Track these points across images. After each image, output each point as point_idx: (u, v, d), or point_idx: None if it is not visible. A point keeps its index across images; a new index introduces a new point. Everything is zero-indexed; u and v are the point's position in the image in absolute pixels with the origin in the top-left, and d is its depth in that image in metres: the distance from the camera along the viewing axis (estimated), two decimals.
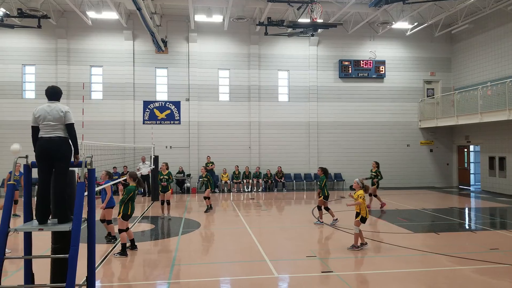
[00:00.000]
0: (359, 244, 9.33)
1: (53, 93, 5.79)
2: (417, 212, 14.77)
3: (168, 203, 13.48)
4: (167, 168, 13.63)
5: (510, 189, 19.64)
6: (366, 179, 12.92)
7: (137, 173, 19.02)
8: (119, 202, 9.20)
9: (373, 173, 15.75)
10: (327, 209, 12.35)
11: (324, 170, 12.24)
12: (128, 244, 9.23)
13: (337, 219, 12.31)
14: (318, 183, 12.50)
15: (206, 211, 14.69)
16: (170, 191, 13.54)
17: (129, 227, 9.42)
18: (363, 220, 9.33)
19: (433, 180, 23.87)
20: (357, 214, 9.37)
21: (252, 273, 7.82)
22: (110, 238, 10.12)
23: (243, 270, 8.07)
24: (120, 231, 9.02)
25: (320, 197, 12.21)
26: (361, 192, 9.38)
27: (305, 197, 19.79)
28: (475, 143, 22.59)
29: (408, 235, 10.92)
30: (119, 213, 9.11)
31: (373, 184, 15.49)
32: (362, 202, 9.29)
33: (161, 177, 13.45)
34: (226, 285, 7.16)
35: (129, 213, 9.08)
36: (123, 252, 8.84)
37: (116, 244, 9.70)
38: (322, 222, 12.34)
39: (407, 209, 15.38)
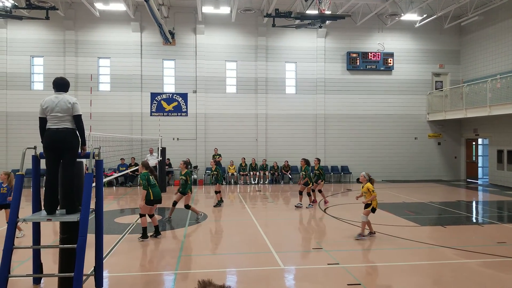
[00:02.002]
0: (366, 233, 9.47)
1: (61, 85, 5.82)
2: (424, 205, 14.72)
3: (187, 207, 11.47)
4: (186, 167, 11.67)
5: None
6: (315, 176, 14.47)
7: None
8: (143, 188, 9.51)
9: (317, 171, 14.44)
10: (309, 194, 14.07)
11: (306, 161, 13.90)
12: (150, 234, 9.60)
13: (312, 205, 14.01)
14: (303, 173, 13.88)
15: (216, 206, 14.19)
16: (188, 194, 11.50)
17: (154, 214, 9.74)
18: (374, 210, 9.50)
19: (441, 173, 23.74)
20: (368, 205, 9.49)
21: (258, 265, 7.86)
22: None
23: (250, 261, 8.11)
24: (141, 215, 9.47)
25: (321, 181, 14.14)
26: (369, 185, 9.45)
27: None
28: (484, 136, 22.40)
29: (414, 228, 10.89)
30: (143, 199, 9.42)
31: (316, 181, 14.38)
32: (375, 194, 9.46)
33: (180, 177, 11.71)
34: (232, 276, 7.21)
35: (151, 198, 9.34)
36: (144, 236, 9.34)
37: (127, 228, 9.80)
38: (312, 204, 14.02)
39: (414, 202, 15.33)
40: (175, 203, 11.70)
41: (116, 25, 21.56)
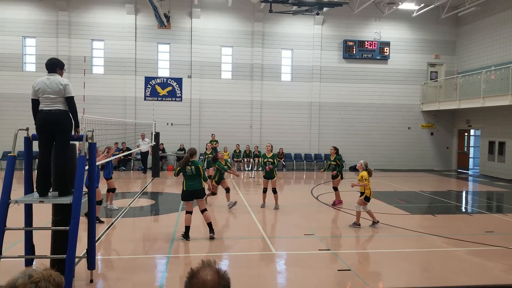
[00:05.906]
0: (364, 222, 9.55)
1: (51, 65, 5.70)
2: (415, 194, 14.87)
3: (274, 192, 11.61)
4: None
5: (508, 173, 19.70)
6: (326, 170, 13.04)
7: (137, 149, 19.09)
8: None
9: (333, 162, 12.22)
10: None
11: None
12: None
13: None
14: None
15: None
16: (275, 178, 11.65)
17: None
18: (367, 199, 9.49)
19: (433, 163, 23.92)
20: (361, 194, 9.53)
21: (251, 250, 7.93)
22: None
23: (242, 246, 8.18)
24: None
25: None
26: (364, 173, 9.48)
27: (305, 177, 19.88)
28: (476, 127, 22.54)
29: (405, 216, 11.02)
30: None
31: (335, 176, 12.25)
32: (367, 183, 9.45)
33: (265, 160, 11.78)
34: (224, 260, 7.27)
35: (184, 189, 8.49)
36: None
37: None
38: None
39: (406, 191, 15.47)
40: (264, 190, 11.85)
41: (110, 7, 21.23)
